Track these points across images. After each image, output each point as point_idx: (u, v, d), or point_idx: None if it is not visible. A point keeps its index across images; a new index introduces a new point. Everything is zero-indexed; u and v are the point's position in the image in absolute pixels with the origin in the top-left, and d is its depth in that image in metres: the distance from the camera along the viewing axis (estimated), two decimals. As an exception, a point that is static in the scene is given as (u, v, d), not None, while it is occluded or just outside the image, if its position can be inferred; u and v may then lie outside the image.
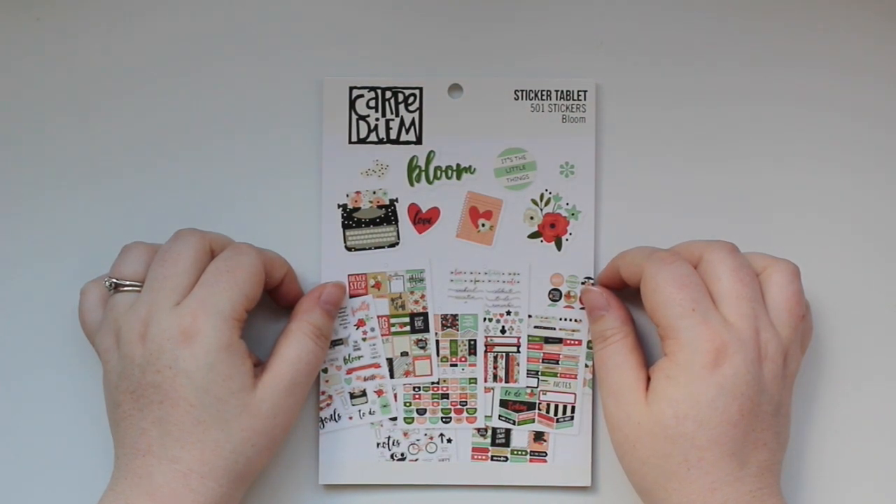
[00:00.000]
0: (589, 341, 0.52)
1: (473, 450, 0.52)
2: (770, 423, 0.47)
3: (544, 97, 0.52)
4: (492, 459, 0.52)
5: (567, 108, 0.52)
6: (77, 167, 0.53)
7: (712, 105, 0.53)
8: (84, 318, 0.50)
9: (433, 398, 0.52)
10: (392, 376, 0.52)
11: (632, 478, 0.48)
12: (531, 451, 0.52)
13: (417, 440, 0.52)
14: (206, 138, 0.53)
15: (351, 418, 0.52)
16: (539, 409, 0.52)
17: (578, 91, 0.52)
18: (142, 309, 0.48)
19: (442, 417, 0.52)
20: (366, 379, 0.52)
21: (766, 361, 0.47)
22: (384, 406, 0.52)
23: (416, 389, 0.52)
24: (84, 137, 0.53)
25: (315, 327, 0.49)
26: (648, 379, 0.48)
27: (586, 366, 0.52)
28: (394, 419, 0.52)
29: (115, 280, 0.49)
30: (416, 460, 0.51)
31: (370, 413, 0.52)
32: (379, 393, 0.52)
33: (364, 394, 0.52)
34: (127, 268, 0.49)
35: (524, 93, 0.52)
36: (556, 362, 0.52)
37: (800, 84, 0.53)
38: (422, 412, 0.52)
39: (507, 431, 0.52)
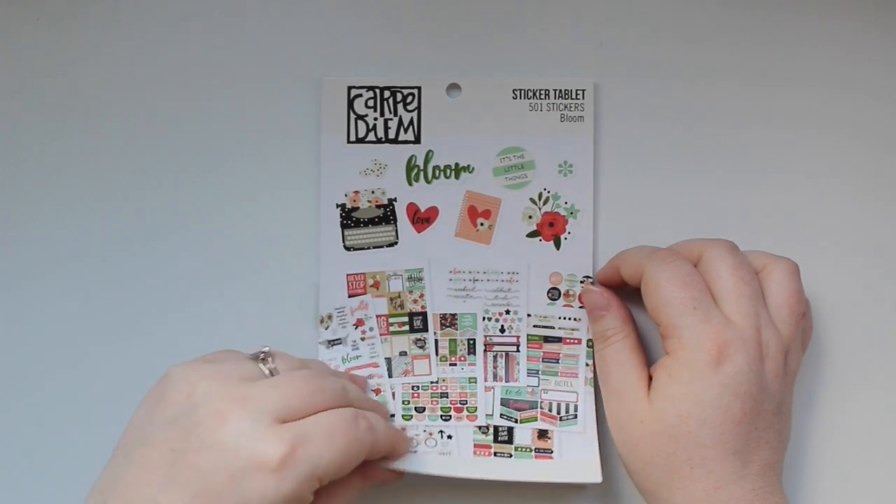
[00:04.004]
0: (589, 340, 0.52)
1: (475, 446, 0.51)
2: (772, 422, 0.47)
3: (542, 96, 0.52)
4: (495, 455, 0.51)
5: (565, 107, 0.52)
6: (76, 166, 0.53)
7: (711, 104, 0.53)
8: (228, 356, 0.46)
9: (432, 397, 0.52)
10: (390, 376, 0.52)
11: (635, 478, 0.48)
12: (536, 448, 0.51)
13: (416, 435, 0.51)
14: (204, 138, 0.53)
15: (349, 417, 0.51)
16: (541, 408, 0.51)
17: (577, 90, 0.52)
18: (252, 390, 0.43)
19: (441, 415, 0.51)
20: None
21: (767, 360, 0.47)
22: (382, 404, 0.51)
23: (415, 388, 0.52)
24: (84, 137, 0.53)
25: None
26: (650, 378, 0.48)
27: (587, 364, 0.52)
28: (392, 416, 0.51)
29: (267, 355, 0.46)
30: (415, 452, 0.50)
31: (368, 411, 0.51)
32: (377, 392, 0.51)
33: (362, 392, 0.51)
34: (284, 361, 0.46)
35: (522, 92, 0.52)
36: (557, 361, 0.52)
37: (800, 75, 0.53)
38: (420, 410, 0.51)
39: (510, 429, 0.51)
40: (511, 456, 0.51)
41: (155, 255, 0.53)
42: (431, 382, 0.52)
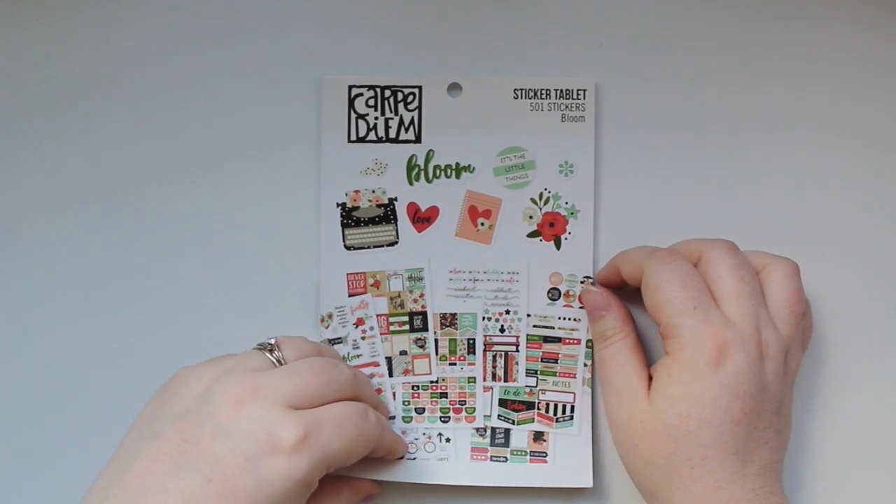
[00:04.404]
0: (588, 340, 0.52)
1: (472, 450, 0.51)
2: (772, 422, 0.47)
3: (543, 96, 0.52)
4: (491, 460, 0.51)
5: (566, 107, 0.52)
6: (76, 166, 0.53)
7: (712, 104, 0.52)
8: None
9: (432, 397, 0.52)
10: (391, 375, 0.52)
11: (634, 477, 0.48)
12: (531, 452, 0.51)
13: (416, 439, 0.51)
14: (205, 137, 0.53)
15: (349, 416, 0.51)
16: (538, 409, 0.51)
17: (578, 90, 0.52)
18: (264, 379, 0.43)
19: (441, 417, 0.51)
20: (365, 377, 0.52)
21: (767, 360, 0.47)
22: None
23: (415, 388, 0.52)
24: (84, 136, 0.53)
25: None
26: (650, 378, 0.48)
27: (585, 365, 0.52)
28: (392, 418, 0.51)
29: (275, 345, 0.46)
30: (415, 458, 0.51)
31: (369, 412, 0.51)
32: (378, 391, 0.51)
33: (363, 392, 0.52)
34: (292, 349, 0.46)
35: (523, 92, 0.52)
36: (556, 361, 0.52)
37: (801, 77, 0.53)
38: (420, 411, 0.51)
39: (507, 431, 0.51)
40: (507, 460, 0.51)
41: (155, 254, 0.53)
42: (431, 382, 0.52)
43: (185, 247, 0.52)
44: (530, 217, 0.52)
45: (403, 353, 0.52)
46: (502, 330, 0.52)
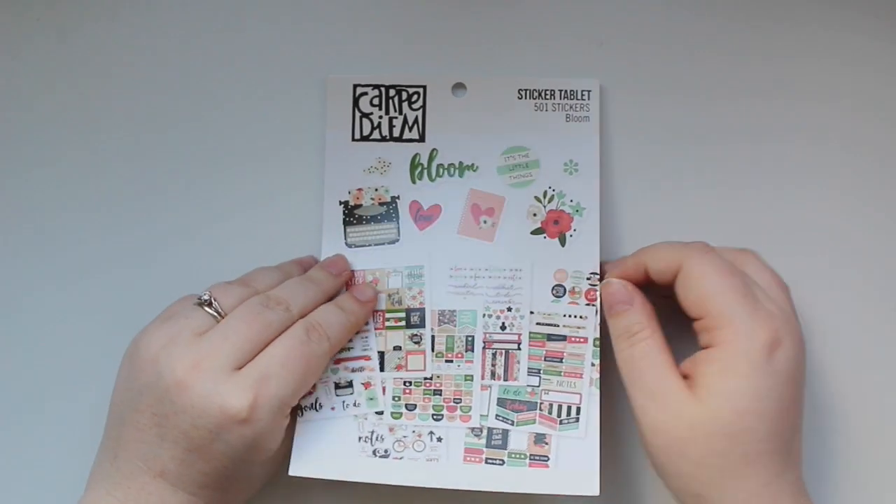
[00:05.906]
0: (596, 339, 0.48)
1: (466, 450, 0.47)
2: (801, 408, 0.44)
3: (548, 96, 0.51)
4: (486, 462, 0.47)
5: (571, 107, 0.51)
6: (77, 164, 0.53)
7: (715, 104, 0.51)
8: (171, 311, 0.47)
9: (425, 394, 0.48)
10: (382, 369, 0.49)
11: (677, 482, 0.43)
12: (531, 455, 0.47)
13: (404, 437, 0.47)
14: (210, 133, 0.53)
15: (333, 408, 0.48)
16: (541, 410, 0.48)
17: (582, 91, 0.51)
18: (205, 347, 0.44)
19: (433, 415, 0.48)
20: (353, 370, 0.49)
21: (803, 345, 0.44)
22: (370, 399, 0.48)
23: (407, 384, 0.49)
24: (85, 135, 0.53)
25: None
26: (684, 376, 0.44)
27: (593, 364, 0.48)
28: (380, 413, 0.48)
29: (210, 298, 0.46)
30: (401, 458, 0.47)
31: (355, 405, 0.48)
32: (366, 385, 0.48)
33: (350, 385, 0.48)
34: (228, 298, 0.46)
35: (528, 92, 0.51)
36: (560, 360, 0.48)
37: (802, 75, 0.51)
38: (411, 408, 0.48)
39: (505, 432, 0.47)
40: (504, 463, 0.47)
41: (158, 249, 0.52)
42: (425, 378, 0.49)
43: (188, 242, 0.52)
44: (534, 215, 0.50)
45: (397, 348, 0.49)
46: (503, 327, 0.49)
